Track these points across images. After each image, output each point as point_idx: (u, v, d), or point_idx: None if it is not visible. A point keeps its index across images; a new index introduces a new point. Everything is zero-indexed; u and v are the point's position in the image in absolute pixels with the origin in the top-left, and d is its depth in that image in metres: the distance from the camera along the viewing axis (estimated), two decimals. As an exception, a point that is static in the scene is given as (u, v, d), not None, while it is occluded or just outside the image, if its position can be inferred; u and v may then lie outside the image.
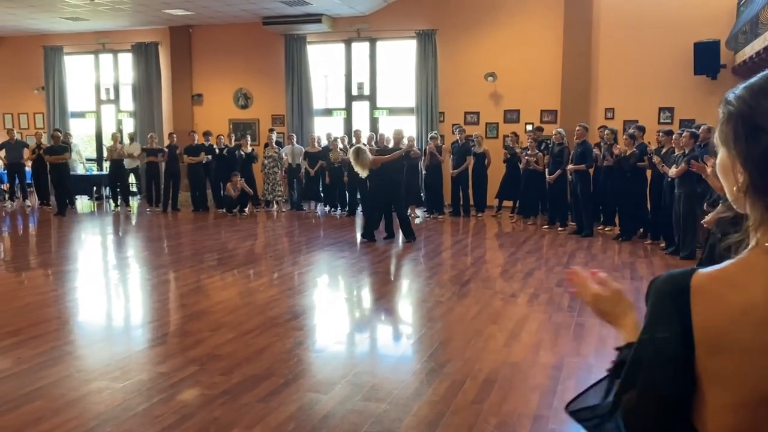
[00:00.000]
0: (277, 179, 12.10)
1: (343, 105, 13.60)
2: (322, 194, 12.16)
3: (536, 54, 11.93)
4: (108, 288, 6.46)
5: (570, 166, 9.30)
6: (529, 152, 10.36)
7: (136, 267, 7.47)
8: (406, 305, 5.84)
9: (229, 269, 7.15)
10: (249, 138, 12.45)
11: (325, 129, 12.99)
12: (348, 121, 13.51)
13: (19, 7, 12.03)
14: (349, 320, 5.35)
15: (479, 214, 11.24)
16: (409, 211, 11.47)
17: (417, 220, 10.98)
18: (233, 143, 12.25)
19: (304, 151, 12.14)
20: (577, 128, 9.37)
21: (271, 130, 12.59)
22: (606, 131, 9.46)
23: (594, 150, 9.37)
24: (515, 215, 10.88)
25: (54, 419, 3.14)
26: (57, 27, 14.08)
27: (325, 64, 13.91)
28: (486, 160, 11.11)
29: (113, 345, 4.57)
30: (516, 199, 10.93)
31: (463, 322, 4.96)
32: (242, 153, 11.93)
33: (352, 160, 8.55)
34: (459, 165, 11.01)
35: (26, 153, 12.77)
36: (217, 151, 12.07)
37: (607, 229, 9.60)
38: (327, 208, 12.14)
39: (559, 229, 9.77)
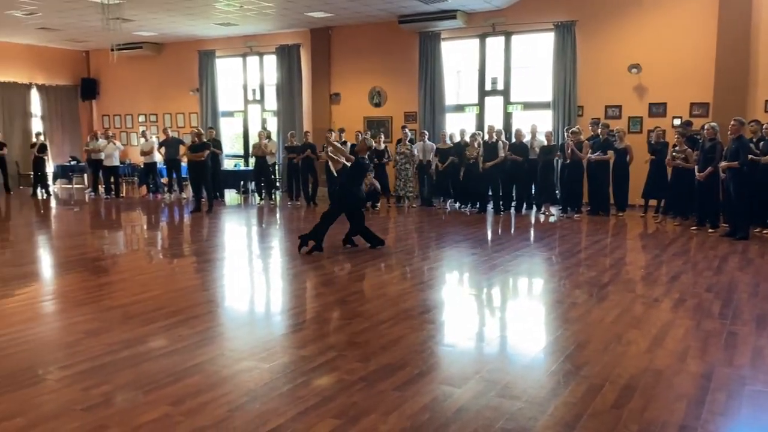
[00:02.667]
0: (408, 175, 12.29)
1: (475, 100, 13.52)
2: (452, 190, 12.19)
3: (686, 43, 11.16)
4: (252, 275, 6.92)
5: (723, 164, 8.62)
6: (677, 148, 9.73)
7: (277, 257, 7.94)
8: (539, 305, 5.72)
9: (362, 262, 7.38)
10: (383, 135, 12.79)
11: (457, 125, 13.01)
12: (480, 117, 13.41)
13: (179, 15, 13.15)
14: (481, 317, 5.34)
15: (620, 214, 10.72)
16: (543, 209, 11.22)
17: (551, 219, 10.70)
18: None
19: (435, 147, 12.23)
20: (732, 123, 8.64)
21: (403, 127, 12.79)
22: (752, 125, 8.72)
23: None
24: (660, 215, 10.27)
25: (210, 393, 3.44)
26: (210, 32, 15.23)
27: (458, 60, 13.90)
28: (628, 156, 10.58)
29: (259, 328, 4.91)
30: (662, 197, 10.31)
31: (601, 326, 4.79)
32: (376, 150, 12.25)
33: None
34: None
35: (182, 150, 13.94)
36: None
37: (764, 231, 8.80)
38: (457, 205, 12.14)
39: (710, 230, 9.09)
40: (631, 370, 3.80)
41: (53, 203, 14.22)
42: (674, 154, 9.69)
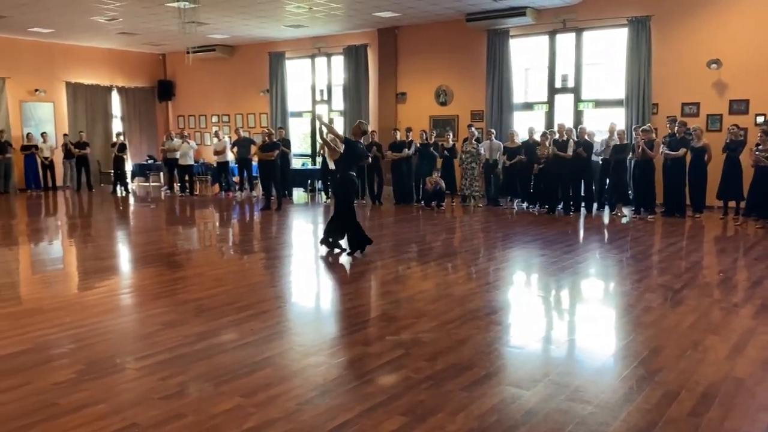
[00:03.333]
0: (474, 174, 12.20)
1: (544, 98, 13.27)
2: (520, 190, 12.00)
3: (772, 36, 10.59)
4: (319, 273, 7.03)
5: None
6: (760, 147, 9.26)
7: (343, 255, 8.03)
8: (611, 309, 5.56)
9: (428, 261, 7.39)
10: (451, 134, 12.76)
11: (525, 123, 12.82)
12: (549, 115, 13.15)
13: (251, 18, 13.51)
14: (549, 319, 5.24)
15: (697, 215, 10.29)
16: (615, 209, 10.89)
17: (623, 220, 10.38)
18: (432, 139, 12.66)
19: (502, 146, 12.08)
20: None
21: (469, 126, 12.69)
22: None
23: None
24: (740, 217, 9.79)
25: (281, 386, 3.53)
26: (281, 35, 15.56)
27: (526, 57, 13.68)
28: (706, 156, 10.13)
29: (326, 324, 5.00)
30: (736, 199, 9.83)
31: (676, 331, 4.61)
32: (444, 147, 12.25)
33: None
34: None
35: (253, 149, 14.30)
36: (416, 145, 12.58)
37: None
38: (525, 205, 11.95)
39: (796, 234, 8.61)
40: (710, 378, 3.65)
41: (131, 200, 14.88)
42: (756, 153, 9.23)
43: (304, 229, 10.52)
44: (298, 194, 15.19)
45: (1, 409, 3.22)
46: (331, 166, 7.66)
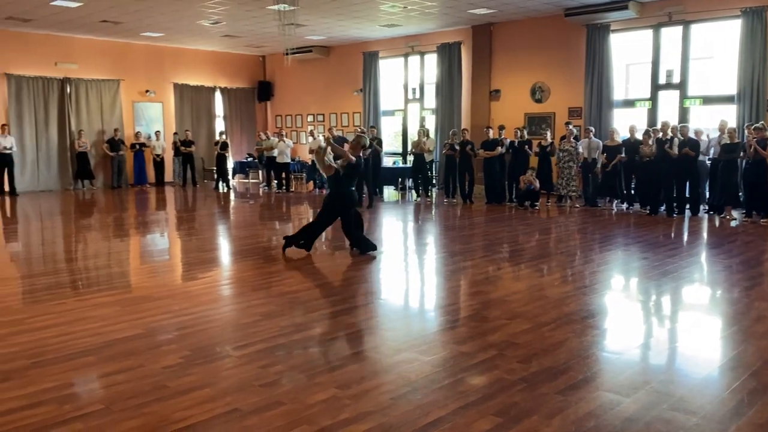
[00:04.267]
0: (571, 174, 11.86)
1: (647, 95, 12.69)
2: (619, 190, 11.55)
3: None
4: (409, 270, 7.07)
5: None
6: None
7: (433, 253, 8.05)
8: (717, 317, 5.26)
9: (522, 262, 7.27)
10: (549, 132, 12.47)
11: (625, 121, 12.31)
12: (653, 112, 12.57)
13: (347, 19, 13.77)
14: (649, 326, 5.02)
15: (817, 220, 9.52)
16: (724, 212, 10.26)
17: (733, 223, 9.76)
18: (526, 137, 12.42)
19: (601, 144, 11.67)
20: None
21: (567, 123, 12.35)
22: None
23: None
24: None
25: (373, 380, 3.59)
26: (375, 34, 15.76)
27: (628, 52, 13.14)
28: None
29: (418, 322, 5.02)
30: None
31: (794, 343, 4.29)
32: (541, 146, 12.01)
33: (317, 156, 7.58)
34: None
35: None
36: (506, 143, 12.40)
37: None
38: (624, 206, 11.49)
39: None
40: (833, 396, 3.37)
41: (232, 196, 15.55)
42: None
43: (395, 227, 10.61)
44: (389, 192, 15.34)
45: (118, 388, 3.47)
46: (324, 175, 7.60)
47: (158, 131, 17.36)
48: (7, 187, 14.80)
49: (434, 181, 15.00)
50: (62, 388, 3.50)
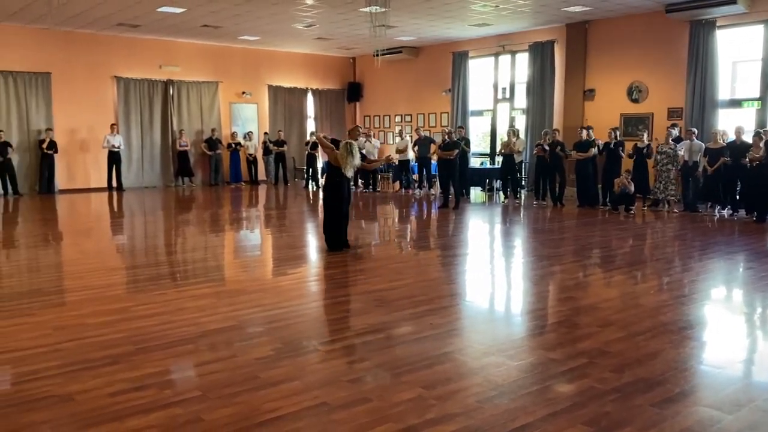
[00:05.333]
0: (670, 177, 11.31)
1: (756, 94, 11.90)
2: (723, 195, 10.89)
3: None
4: (496, 273, 6.97)
5: None
6: None
7: (521, 256, 7.90)
8: (835, 333, 4.86)
9: (615, 268, 7.02)
10: (646, 134, 11.95)
11: (731, 122, 11.60)
12: (762, 113, 11.77)
13: (438, 19, 13.76)
14: (755, 340, 4.71)
15: None
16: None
17: None
18: (618, 138, 11.96)
19: (703, 147, 11.05)
20: None
21: (674, 126, 11.74)
22: None
23: None
24: None
25: (460, 382, 3.57)
26: (465, 34, 15.66)
27: (735, 49, 12.37)
28: None
29: (505, 325, 4.95)
30: None
31: None
32: (638, 147, 11.55)
33: (348, 155, 7.53)
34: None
35: (432, 148, 14.58)
36: (599, 145, 11.99)
37: None
38: (726, 212, 10.83)
39: None
40: None
41: (320, 194, 15.89)
42: None
43: (481, 229, 10.50)
44: (476, 193, 15.20)
45: (213, 377, 3.63)
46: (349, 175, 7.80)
47: (251, 131, 18.02)
48: (114, 183, 15.84)
49: (523, 183, 14.73)
50: (163, 373, 3.71)
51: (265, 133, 18.10)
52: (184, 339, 4.29)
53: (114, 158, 15.74)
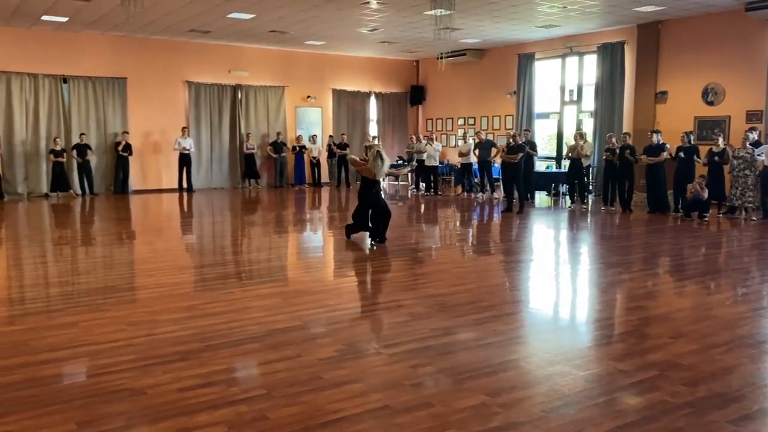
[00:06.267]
0: (747, 183, 10.78)
1: None
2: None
3: None
4: (562, 280, 6.82)
5: None
6: None
7: (587, 263, 7.70)
8: None
9: (687, 277, 6.74)
10: (721, 138, 11.44)
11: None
12: None
13: (503, 21, 13.61)
14: None
15: None
16: None
17: None
18: (691, 142, 11.49)
19: (786, 151, 10.49)
20: None
21: (752, 129, 11.20)
22: None
23: None
24: None
25: (524, 390, 3.51)
26: (531, 35, 15.42)
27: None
28: None
29: (571, 334, 4.83)
30: None
31: None
32: (713, 152, 11.07)
33: (378, 161, 8.22)
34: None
35: (493, 151, 14.43)
36: (673, 150, 11.53)
37: None
38: (813, 221, 10.24)
39: None
40: None
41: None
42: None
43: (546, 234, 10.31)
44: (541, 198, 14.93)
45: (278, 376, 3.70)
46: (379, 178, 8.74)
47: (315, 135, 18.31)
48: (185, 184, 16.40)
49: (591, 188, 14.37)
50: (230, 371, 3.80)
51: (330, 136, 18.35)
52: (250, 337, 4.39)
53: (185, 160, 16.29)
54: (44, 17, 13.31)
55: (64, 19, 13.55)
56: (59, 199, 14.71)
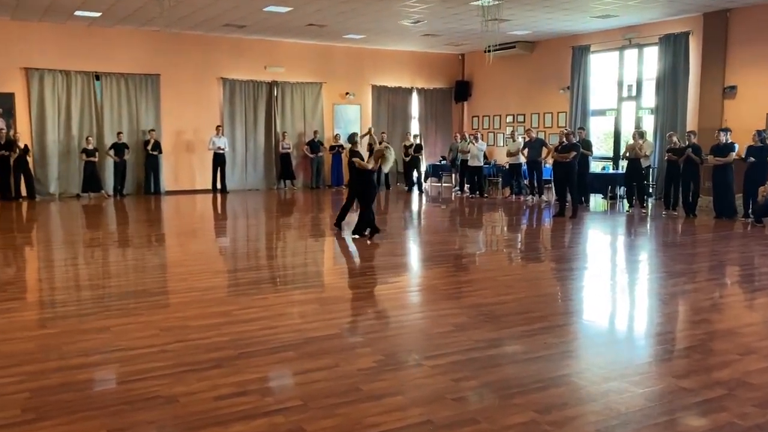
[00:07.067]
0: (827, 186, 10.42)
1: None
2: None
3: None
4: (618, 290, 6.70)
5: None
6: None
7: (647, 272, 7.56)
8: None
9: (758, 289, 6.57)
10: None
11: None
12: None
13: (556, 10, 13.47)
14: None
15: None
16: None
17: None
18: (764, 142, 11.14)
19: None
20: None
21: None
22: None
23: None
24: None
25: (577, 407, 3.47)
26: (586, 26, 15.22)
27: None
28: None
29: (629, 348, 4.75)
30: None
31: None
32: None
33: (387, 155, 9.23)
34: None
35: (544, 151, 14.27)
36: (743, 150, 11.21)
37: None
38: None
39: None
40: None
41: (424, 200, 15.98)
42: None
43: (601, 240, 10.15)
44: (597, 201, 14.70)
45: (315, 386, 3.74)
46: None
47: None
48: (219, 185, 16.69)
49: (651, 190, 14.09)
50: (265, 380, 3.87)
51: (370, 128, 18.39)
52: (286, 345, 4.46)
53: (219, 160, 16.58)
54: (77, 12, 13.75)
55: (98, 14, 13.97)
56: (90, 200, 15.16)
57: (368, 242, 8.98)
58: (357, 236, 9.30)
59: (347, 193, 10.21)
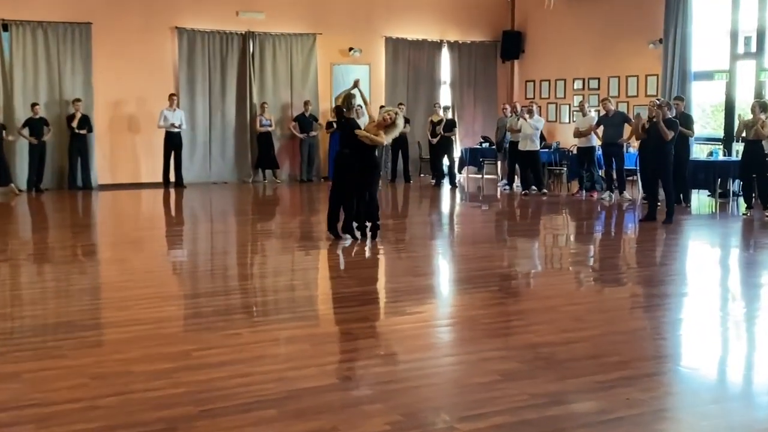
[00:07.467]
0: None
1: None
2: None
3: None
4: (732, 326, 6.67)
5: None
6: None
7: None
8: None
9: None
10: None
11: None
12: None
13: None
14: None
15: None
16: None
17: None
18: None
19: None
20: None
21: None
22: None
23: None
24: None
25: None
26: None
27: None
28: None
29: (746, 407, 4.71)
30: None
31: None
32: None
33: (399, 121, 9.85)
34: None
35: (627, 130, 14.21)
36: None
37: None
38: None
39: None
40: None
41: (458, 197, 15.96)
42: None
43: (707, 256, 10.11)
44: (701, 200, 14.62)
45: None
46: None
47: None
48: (173, 176, 16.61)
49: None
50: (236, 449, 3.88)
51: (381, 107, 18.37)
52: (265, 400, 4.45)
53: (173, 142, 16.60)
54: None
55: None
56: (-4, 197, 15.25)
57: (376, 242, 9.04)
58: (349, 236, 9.52)
59: (332, 183, 10.38)
